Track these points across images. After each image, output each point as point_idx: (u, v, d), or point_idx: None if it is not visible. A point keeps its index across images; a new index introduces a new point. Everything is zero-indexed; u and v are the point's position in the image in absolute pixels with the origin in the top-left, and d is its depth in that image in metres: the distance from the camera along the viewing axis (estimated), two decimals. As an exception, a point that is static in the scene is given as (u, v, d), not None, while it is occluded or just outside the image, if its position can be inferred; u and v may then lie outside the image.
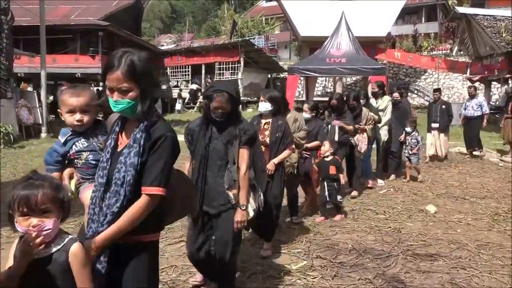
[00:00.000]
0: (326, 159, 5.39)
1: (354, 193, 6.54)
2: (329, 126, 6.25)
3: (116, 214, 1.84)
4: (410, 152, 7.66)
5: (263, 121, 4.27)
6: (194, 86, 25.76)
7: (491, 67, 18.88)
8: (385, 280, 3.61)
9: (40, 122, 14.17)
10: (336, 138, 6.10)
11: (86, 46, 22.03)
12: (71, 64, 21.16)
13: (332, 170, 5.30)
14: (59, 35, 20.39)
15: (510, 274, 3.73)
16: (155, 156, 1.88)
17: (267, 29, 37.96)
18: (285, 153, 4.18)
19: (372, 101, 7.64)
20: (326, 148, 5.39)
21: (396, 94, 8.21)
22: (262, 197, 3.16)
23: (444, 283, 3.58)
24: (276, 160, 4.12)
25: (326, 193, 5.32)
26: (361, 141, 6.50)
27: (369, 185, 7.05)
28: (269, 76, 28.38)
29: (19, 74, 18.31)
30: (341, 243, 4.52)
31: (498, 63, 18.18)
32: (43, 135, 13.81)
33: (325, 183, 5.34)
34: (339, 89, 14.07)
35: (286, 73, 18.69)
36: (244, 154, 2.90)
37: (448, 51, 28.23)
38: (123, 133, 1.99)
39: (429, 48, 28.56)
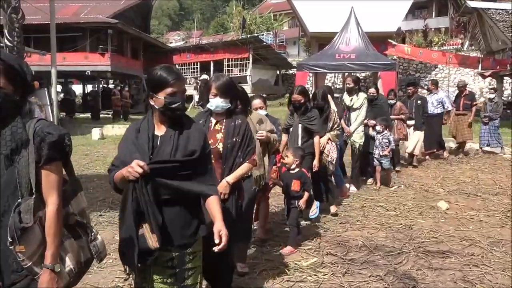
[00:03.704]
0: (291, 171, 4.40)
1: (333, 209, 5.43)
2: (291, 128, 5.03)
3: None
4: (381, 154, 6.84)
5: (214, 120, 3.01)
6: (205, 77, 25.78)
7: (503, 62, 18.59)
8: (397, 277, 3.59)
9: (51, 119, 14.29)
10: (299, 143, 4.92)
11: (95, 44, 22.17)
12: (81, 62, 21.31)
13: (295, 185, 4.28)
14: (69, 33, 20.53)
15: (524, 272, 3.68)
16: None
17: (276, 25, 37.85)
18: (244, 167, 2.95)
19: (346, 97, 6.84)
20: (290, 159, 4.36)
21: (372, 90, 7.28)
22: (99, 240, 1.98)
23: (456, 280, 3.54)
24: (231, 179, 2.88)
25: (285, 212, 4.41)
26: (330, 151, 5.42)
27: (344, 195, 6.21)
28: (277, 72, 28.31)
29: (30, 72, 18.49)
30: (351, 240, 4.51)
31: (510, 58, 17.92)
32: (54, 132, 13.92)
33: (285, 200, 4.41)
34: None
35: (295, 69, 18.62)
36: (50, 178, 1.73)
37: (459, 46, 27.90)
38: None
39: (439, 43, 28.23)
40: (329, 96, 5.75)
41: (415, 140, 8.50)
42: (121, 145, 2.16)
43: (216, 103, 2.92)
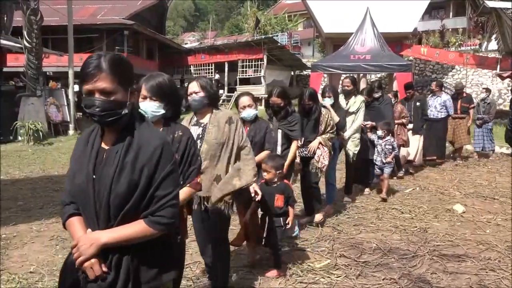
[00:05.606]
0: (270, 184, 3.73)
1: (318, 217, 5.04)
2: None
3: None
4: (384, 161, 6.27)
5: None
6: (216, 76, 25.87)
7: (523, 63, 18.23)
8: (411, 281, 3.55)
9: (68, 119, 14.52)
10: (279, 150, 4.37)
11: (112, 45, 22.42)
12: (98, 63, 21.59)
13: (279, 201, 3.64)
14: (86, 34, 20.83)
15: (542, 277, 3.61)
16: None
17: (290, 26, 37.80)
18: (184, 193, 2.25)
19: (342, 100, 5.94)
20: (272, 174, 3.69)
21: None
22: None
23: (472, 284, 3.49)
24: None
25: (265, 232, 3.71)
26: (321, 157, 4.86)
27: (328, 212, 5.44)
28: (292, 73, 28.27)
29: (47, 73, 18.79)
30: (365, 242, 4.47)
31: (530, 59, 17.58)
32: (71, 132, 14.16)
33: (267, 219, 3.73)
34: (363, 86, 13.91)
35: (310, 70, 18.56)
36: None
37: (477, 46, 27.44)
38: None
39: (457, 43, 27.79)
40: (331, 97, 5.40)
41: (415, 146, 8.00)
42: (71, 161, 1.71)
43: (145, 107, 2.31)
